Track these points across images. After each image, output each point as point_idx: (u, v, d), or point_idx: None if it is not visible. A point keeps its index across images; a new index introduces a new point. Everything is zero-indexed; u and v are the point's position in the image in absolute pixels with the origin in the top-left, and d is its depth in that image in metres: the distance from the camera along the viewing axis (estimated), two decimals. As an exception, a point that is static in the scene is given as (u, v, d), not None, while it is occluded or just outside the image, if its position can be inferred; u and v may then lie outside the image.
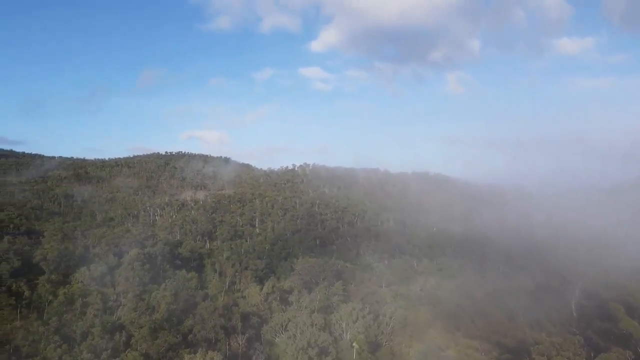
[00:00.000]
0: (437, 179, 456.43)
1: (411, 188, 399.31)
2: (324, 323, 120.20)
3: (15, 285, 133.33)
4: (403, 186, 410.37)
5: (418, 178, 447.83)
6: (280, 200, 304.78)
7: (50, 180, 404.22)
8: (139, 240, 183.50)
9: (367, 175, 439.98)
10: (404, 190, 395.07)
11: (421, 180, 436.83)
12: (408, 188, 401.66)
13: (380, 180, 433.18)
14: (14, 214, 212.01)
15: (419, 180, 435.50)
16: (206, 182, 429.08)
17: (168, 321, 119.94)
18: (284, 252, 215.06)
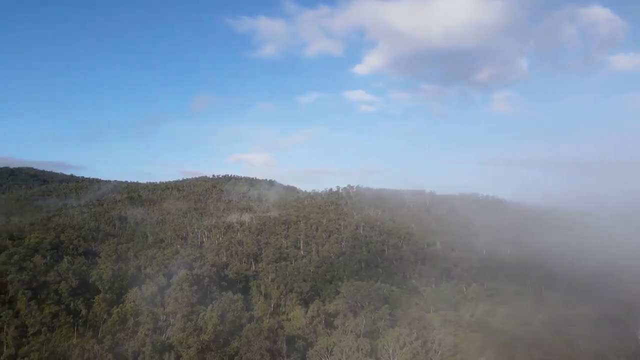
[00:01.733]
0: (486, 201, 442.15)
1: (459, 210, 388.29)
2: (370, 348, 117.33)
3: (73, 304, 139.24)
4: (450, 208, 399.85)
5: (466, 200, 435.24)
6: (325, 222, 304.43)
7: (106, 203, 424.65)
8: (188, 262, 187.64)
9: (413, 197, 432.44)
10: (452, 213, 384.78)
11: (470, 202, 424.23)
12: (456, 210, 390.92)
13: (427, 202, 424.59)
14: (73, 236, 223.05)
15: (467, 202, 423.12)
16: (252, 204, 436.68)
17: (215, 342, 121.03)
18: (329, 275, 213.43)
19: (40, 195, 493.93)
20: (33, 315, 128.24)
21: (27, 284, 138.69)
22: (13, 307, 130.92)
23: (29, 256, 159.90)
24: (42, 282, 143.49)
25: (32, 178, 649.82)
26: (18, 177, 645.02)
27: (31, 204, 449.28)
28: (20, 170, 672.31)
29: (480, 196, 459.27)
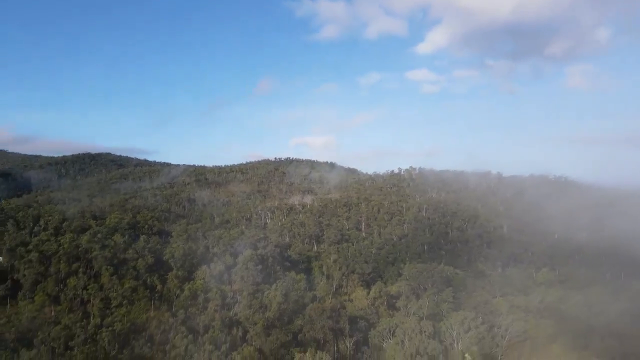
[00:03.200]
0: (558, 183, 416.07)
1: (528, 192, 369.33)
2: (433, 331, 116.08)
3: (149, 279, 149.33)
4: (518, 190, 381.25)
5: (536, 181, 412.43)
6: (387, 204, 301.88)
7: (176, 186, 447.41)
8: (252, 242, 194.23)
9: (478, 179, 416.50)
10: (520, 195, 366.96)
11: (539, 183, 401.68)
12: (524, 192, 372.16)
13: (493, 184, 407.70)
14: (148, 216, 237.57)
15: (536, 183, 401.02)
16: (313, 186, 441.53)
17: (279, 320, 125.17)
18: (391, 257, 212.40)
19: (117, 179, 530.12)
20: (115, 289, 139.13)
21: (109, 260, 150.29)
22: (98, 282, 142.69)
23: (110, 235, 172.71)
24: (122, 259, 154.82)
25: (111, 163, 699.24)
26: (98, 161, 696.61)
27: (110, 187, 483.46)
28: (100, 156, 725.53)
29: (551, 177, 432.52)
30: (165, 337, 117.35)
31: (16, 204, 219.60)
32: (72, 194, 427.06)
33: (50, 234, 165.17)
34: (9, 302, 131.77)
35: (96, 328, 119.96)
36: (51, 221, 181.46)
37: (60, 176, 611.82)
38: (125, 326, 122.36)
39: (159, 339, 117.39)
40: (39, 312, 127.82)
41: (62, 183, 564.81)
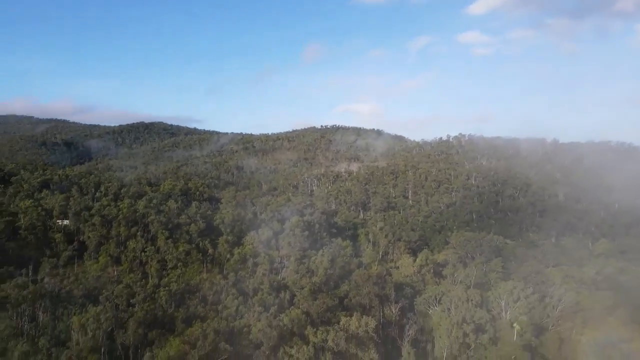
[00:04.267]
0: (620, 150, 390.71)
1: (587, 159, 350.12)
2: (481, 300, 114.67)
3: (201, 244, 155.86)
4: (576, 157, 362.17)
5: (596, 148, 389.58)
6: (434, 172, 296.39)
7: (225, 154, 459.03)
8: (299, 209, 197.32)
9: (532, 145, 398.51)
10: (577, 162, 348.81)
11: (600, 150, 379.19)
12: (583, 159, 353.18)
13: (548, 151, 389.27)
14: (199, 183, 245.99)
15: (596, 150, 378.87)
16: (359, 154, 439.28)
17: (326, 285, 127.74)
18: (438, 225, 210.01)
19: (170, 147, 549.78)
20: (170, 251, 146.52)
21: (164, 224, 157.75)
22: (154, 244, 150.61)
23: (164, 201, 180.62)
24: (176, 223, 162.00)
25: (163, 131, 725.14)
26: (152, 130, 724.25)
27: (163, 155, 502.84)
28: (153, 125, 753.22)
29: (613, 144, 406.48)
30: (217, 298, 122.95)
31: (79, 171, 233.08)
32: (128, 161, 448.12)
33: (110, 200, 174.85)
34: (76, 262, 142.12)
35: (154, 288, 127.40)
36: (111, 187, 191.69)
37: (117, 144, 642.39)
38: (181, 287, 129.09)
39: (211, 299, 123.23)
40: (103, 271, 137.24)
41: (119, 151, 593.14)
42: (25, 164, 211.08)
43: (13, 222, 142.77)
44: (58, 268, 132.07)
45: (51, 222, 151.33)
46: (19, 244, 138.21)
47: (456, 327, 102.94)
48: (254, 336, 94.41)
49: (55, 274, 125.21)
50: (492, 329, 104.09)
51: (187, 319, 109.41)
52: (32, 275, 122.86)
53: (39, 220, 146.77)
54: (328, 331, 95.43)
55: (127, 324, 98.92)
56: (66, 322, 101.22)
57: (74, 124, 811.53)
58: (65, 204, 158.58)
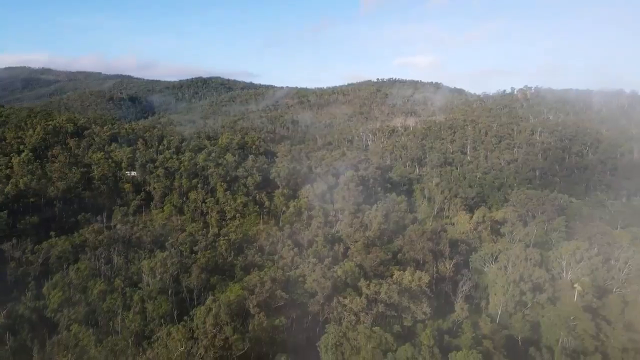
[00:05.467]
0: None
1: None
2: (540, 259, 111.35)
3: (258, 196, 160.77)
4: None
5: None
6: (495, 127, 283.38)
7: (280, 108, 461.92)
8: (354, 164, 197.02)
9: (607, 98, 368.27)
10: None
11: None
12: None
13: (624, 104, 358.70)
14: (255, 137, 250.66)
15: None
16: (416, 108, 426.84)
17: (379, 239, 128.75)
18: (497, 182, 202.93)
19: (227, 102, 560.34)
20: (229, 203, 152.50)
21: (222, 177, 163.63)
22: (214, 196, 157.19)
23: (223, 154, 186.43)
24: (234, 176, 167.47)
25: (220, 86, 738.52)
26: (210, 85, 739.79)
27: (220, 109, 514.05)
28: (211, 80, 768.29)
29: None
30: (274, 248, 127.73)
31: (143, 125, 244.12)
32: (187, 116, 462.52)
33: (173, 153, 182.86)
34: (144, 211, 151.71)
35: (214, 237, 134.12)
36: (172, 141, 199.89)
37: (177, 99, 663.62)
38: (239, 236, 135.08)
39: (268, 249, 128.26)
40: (168, 220, 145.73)
41: (179, 106, 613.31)
42: (96, 119, 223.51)
43: (87, 173, 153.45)
44: (128, 216, 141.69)
45: (120, 173, 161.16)
46: (93, 193, 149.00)
47: (513, 285, 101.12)
48: (308, 286, 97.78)
49: (126, 221, 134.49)
50: (550, 289, 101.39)
51: (246, 267, 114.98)
52: (106, 222, 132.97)
53: (109, 171, 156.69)
54: (381, 284, 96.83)
55: (190, 269, 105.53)
56: (137, 265, 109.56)
57: (137, 80, 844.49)
58: (132, 157, 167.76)
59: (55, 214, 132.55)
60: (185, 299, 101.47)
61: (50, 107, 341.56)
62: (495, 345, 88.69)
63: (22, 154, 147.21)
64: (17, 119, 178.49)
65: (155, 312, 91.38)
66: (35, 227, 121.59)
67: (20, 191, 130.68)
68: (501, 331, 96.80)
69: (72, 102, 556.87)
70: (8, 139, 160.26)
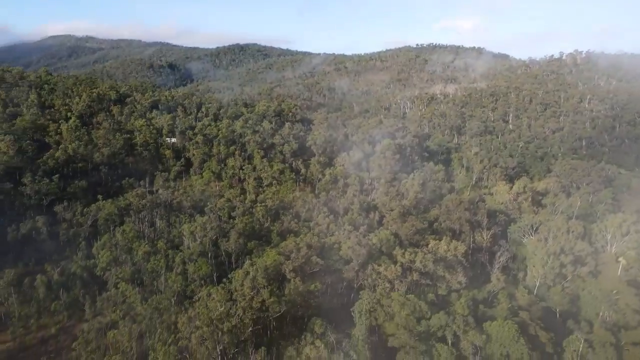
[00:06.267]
0: None
1: None
2: (584, 231, 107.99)
3: (294, 163, 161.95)
4: None
5: None
6: (541, 94, 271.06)
7: (317, 75, 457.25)
8: (390, 132, 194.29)
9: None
10: None
11: None
12: None
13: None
14: (291, 105, 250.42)
15: None
16: (457, 75, 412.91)
17: (415, 208, 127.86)
18: (540, 152, 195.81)
19: (264, 69, 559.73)
20: (265, 170, 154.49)
21: (259, 144, 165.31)
22: (251, 163, 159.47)
23: (259, 121, 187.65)
24: (270, 143, 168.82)
25: (257, 53, 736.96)
26: (246, 52, 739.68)
27: (257, 77, 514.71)
28: (248, 47, 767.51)
29: None
30: (309, 215, 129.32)
31: (182, 93, 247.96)
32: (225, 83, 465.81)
33: (211, 120, 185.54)
34: (184, 177, 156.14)
35: (252, 203, 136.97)
36: (211, 108, 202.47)
37: (215, 67, 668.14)
38: (275, 203, 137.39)
39: (304, 216, 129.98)
40: (207, 186, 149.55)
41: (217, 73, 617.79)
42: (137, 86, 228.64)
43: (130, 140, 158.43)
44: (169, 181, 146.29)
45: (161, 139, 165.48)
46: (136, 159, 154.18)
47: (553, 257, 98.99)
48: (343, 253, 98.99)
49: (167, 187, 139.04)
50: (593, 262, 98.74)
51: (282, 233, 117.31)
52: (149, 187, 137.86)
53: (151, 138, 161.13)
54: (416, 253, 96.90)
55: (229, 233, 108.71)
56: (178, 229, 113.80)
57: (176, 47, 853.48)
58: (172, 123, 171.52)
59: (101, 179, 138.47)
60: (224, 262, 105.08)
61: (94, 75, 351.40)
62: (531, 317, 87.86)
63: (70, 121, 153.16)
64: (64, 86, 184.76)
65: (196, 273, 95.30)
66: (84, 190, 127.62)
67: (69, 156, 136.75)
68: (538, 303, 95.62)
69: (114, 69, 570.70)
70: (57, 106, 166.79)
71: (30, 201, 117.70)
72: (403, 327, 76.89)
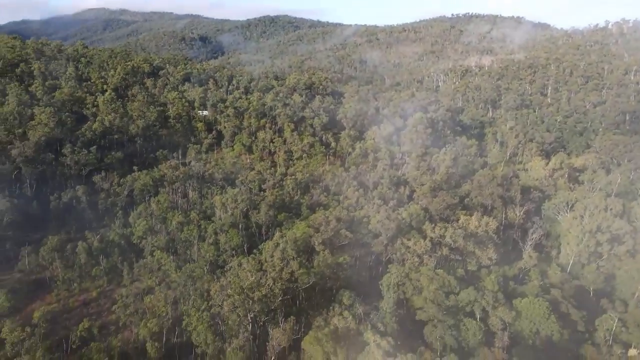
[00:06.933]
0: None
1: None
2: (622, 210, 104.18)
3: (324, 137, 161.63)
4: None
5: None
6: (583, 66, 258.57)
7: (348, 47, 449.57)
8: (423, 105, 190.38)
9: None
10: None
11: None
12: None
13: None
14: (322, 77, 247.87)
15: None
16: (493, 46, 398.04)
17: (447, 183, 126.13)
18: (579, 126, 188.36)
19: (294, 41, 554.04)
20: (295, 143, 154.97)
21: (290, 117, 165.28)
22: (281, 136, 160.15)
23: (290, 94, 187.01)
24: (301, 116, 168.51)
25: (288, 25, 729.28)
26: (277, 24, 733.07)
27: (288, 49, 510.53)
28: (279, 18, 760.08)
29: None
30: (339, 189, 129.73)
31: (214, 65, 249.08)
32: (256, 55, 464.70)
33: (242, 93, 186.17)
34: (215, 149, 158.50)
35: (282, 176, 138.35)
36: (241, 81, 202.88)
37: (245, 39, 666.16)
38: (305, 176, 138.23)
39: (333, 189, 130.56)
40: (238, 158, 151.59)
41: (247, 45, 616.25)
42: (169, 59, 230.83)
43: (163, 112, 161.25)
44: (201, 153, 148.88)
45: (193, 112, 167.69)
46: (169, 131, 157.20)
47: (588, 235, 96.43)
48: (372, 226, 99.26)
49: (199, 159, 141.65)
50: (631, 241, 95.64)
51: (311, 205, 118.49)
52: (181, 159, 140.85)
53: (183, 110, 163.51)
54: (446, 228, 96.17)
55: (259, 205, 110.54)
56: (210, 200, 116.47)
57: (207, 19, 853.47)
58: (204, 96, 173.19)
59: (136, 150, 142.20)
60: (254, 234, 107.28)
61: (128, 48, 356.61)
62: (563, 295, 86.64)
63: (106, 94, 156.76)
64: (100, 59, 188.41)
65: (227, 244, 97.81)
66: (120, 161, 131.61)
67: (105, 128, 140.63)
68: (571, 281, 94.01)
69: (147, 42, 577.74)
70: (93, 79, 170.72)
71: (71, 171, 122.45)
72: (431, 301, 77.23)
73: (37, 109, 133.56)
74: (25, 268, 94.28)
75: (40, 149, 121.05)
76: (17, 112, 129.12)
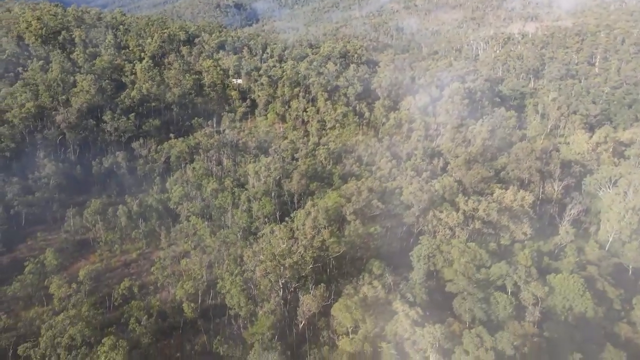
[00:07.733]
0: None
1: None
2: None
3: (358, 107, 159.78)
4: None
5: None
6: (636, 33, 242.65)
7: (385, 14, 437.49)
8: (461, 75, 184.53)
9: None
10: None
11: None
12: None
13: None
14: (357, 45, 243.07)
15: None
16: (538, 12, 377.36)
17: (482, 155, 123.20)
18: (629, 98, 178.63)
19: (329, 7, 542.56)
20: (329, 112, 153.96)
21: (323, 86, 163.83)
22: (315, 105, 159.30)
23: (324, 63, 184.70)
24: (335, 86, 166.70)
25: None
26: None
27: (322, 16, 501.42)
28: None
29: None
30: (372, 159, 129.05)
31: (248, 33, 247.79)
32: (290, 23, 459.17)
33: (276, 61, 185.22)
34: (249, 117, 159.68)
35: (314, 145, 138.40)
36: (275, 49, 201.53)
37: (280, 6, 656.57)
38: (338, 146, 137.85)
39: (366, 160, 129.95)
40: (271, 127, 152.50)
41: (282, 12, 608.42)
42: (204, 27, 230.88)
43: (199, 80, 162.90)
44: (235, 122, 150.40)
45: (228, 80, 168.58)
46: (204, 99, 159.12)
47: (631, 212, 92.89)
48: (405, 198, 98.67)
49: (233, 127, 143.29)
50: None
51: (344, 175, 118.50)
52: (216, 127, 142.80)
53: (218, 78, 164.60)
54: (480, 201, 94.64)
55: (291, 174, 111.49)
56: (244, 168, 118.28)
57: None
58: (238, 64, 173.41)
59: (172, 118, 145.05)
60: (286, 202, 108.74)
61: (164, 15, 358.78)
62: (600, 272, 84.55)
63: (143, 61, 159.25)
64: (137, 27, 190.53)
65: (260, 211, 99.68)
66: (157, 129, 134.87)
67: (143, 96, 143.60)
68: (610, 259, 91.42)
69: (183, 9, 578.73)
70: (131, 47, 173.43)
71: (111, 137, 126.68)
72: (462, 273, 76.97)
73: (78, 76, 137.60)
74: (71, 229, 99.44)
75: (82, 116, 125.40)
76: (61, 79, 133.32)
